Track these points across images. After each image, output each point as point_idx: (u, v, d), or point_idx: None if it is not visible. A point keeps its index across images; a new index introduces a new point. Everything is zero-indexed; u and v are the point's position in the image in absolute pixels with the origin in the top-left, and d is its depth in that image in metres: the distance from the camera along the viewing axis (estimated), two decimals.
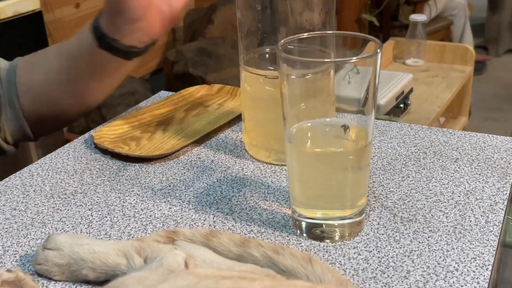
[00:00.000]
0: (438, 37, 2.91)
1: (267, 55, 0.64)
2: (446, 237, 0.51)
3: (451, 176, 0.60)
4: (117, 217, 0.56)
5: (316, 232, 0.51)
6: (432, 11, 3.02)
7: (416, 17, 1.96)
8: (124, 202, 0.58)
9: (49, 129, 0.79)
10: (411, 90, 1.68)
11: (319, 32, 0.56)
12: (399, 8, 3.21)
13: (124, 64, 0.72)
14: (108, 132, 0.72)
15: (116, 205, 0.58)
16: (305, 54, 0.52)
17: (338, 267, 0.48)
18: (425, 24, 1.96)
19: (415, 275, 0.46)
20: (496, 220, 0.53)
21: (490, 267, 0.47)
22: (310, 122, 0.52)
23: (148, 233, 0.53)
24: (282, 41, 0.49)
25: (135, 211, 0.57)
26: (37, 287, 0.45)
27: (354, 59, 0.46)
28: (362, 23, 2.94)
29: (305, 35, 0.51)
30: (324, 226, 0.51)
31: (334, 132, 0.51)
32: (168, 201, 0.58)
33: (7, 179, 0.64)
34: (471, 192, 0.57)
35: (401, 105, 1.62)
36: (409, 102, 1.66)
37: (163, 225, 0.54)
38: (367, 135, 0.49)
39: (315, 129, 0.52)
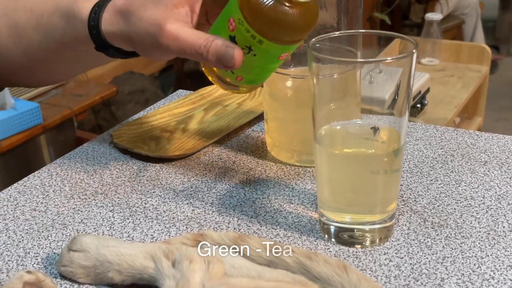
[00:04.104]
0: (449, 36, 2.88)
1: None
2: (479, 243, 0.49)
3: (481, 180, 0.59)
4: (139, 219, 0.55)
5: (344, 237, 0.50)
6: (443, 9, 2.99)
7: (431, 16, 1.94)
8: (146, 204, 0.57)
9: None
10: (427, 90, 1.66)
11: (350, 31, 0.54)
12: (410, 6, 3.19)
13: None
14: (127, 132, 0.71)
15: (138, 207, 0.57)
16: (333, 53, 0.51)
17: (369, 273, 0.46)
18: (440, 23, 1.94)
19: (450, 282, 0.45)
20: None
21: None
22: (340, 123, 0.50)
23: (172, 236, 0.52)
24: (313, 39, 0.48)
25: (157, 213, 0.55)
26: None
27: (389, 59, 0.44)
28: (373, 22, 2.92)
29: (336, 34, 0.50)
30: (355, 231, 0.49)
31: (364, 133, 0.50)
32: (191, 202, 0.57)
33: (25, 178, 0.63)
34: (502, 197, 0.56)
35: (418, 105, 1.60)
36: (426, 102, 1.65)
37: (186, 227, 0.53)
38: (400, 138, 0.48)
39: (344, 130, 0.50)
